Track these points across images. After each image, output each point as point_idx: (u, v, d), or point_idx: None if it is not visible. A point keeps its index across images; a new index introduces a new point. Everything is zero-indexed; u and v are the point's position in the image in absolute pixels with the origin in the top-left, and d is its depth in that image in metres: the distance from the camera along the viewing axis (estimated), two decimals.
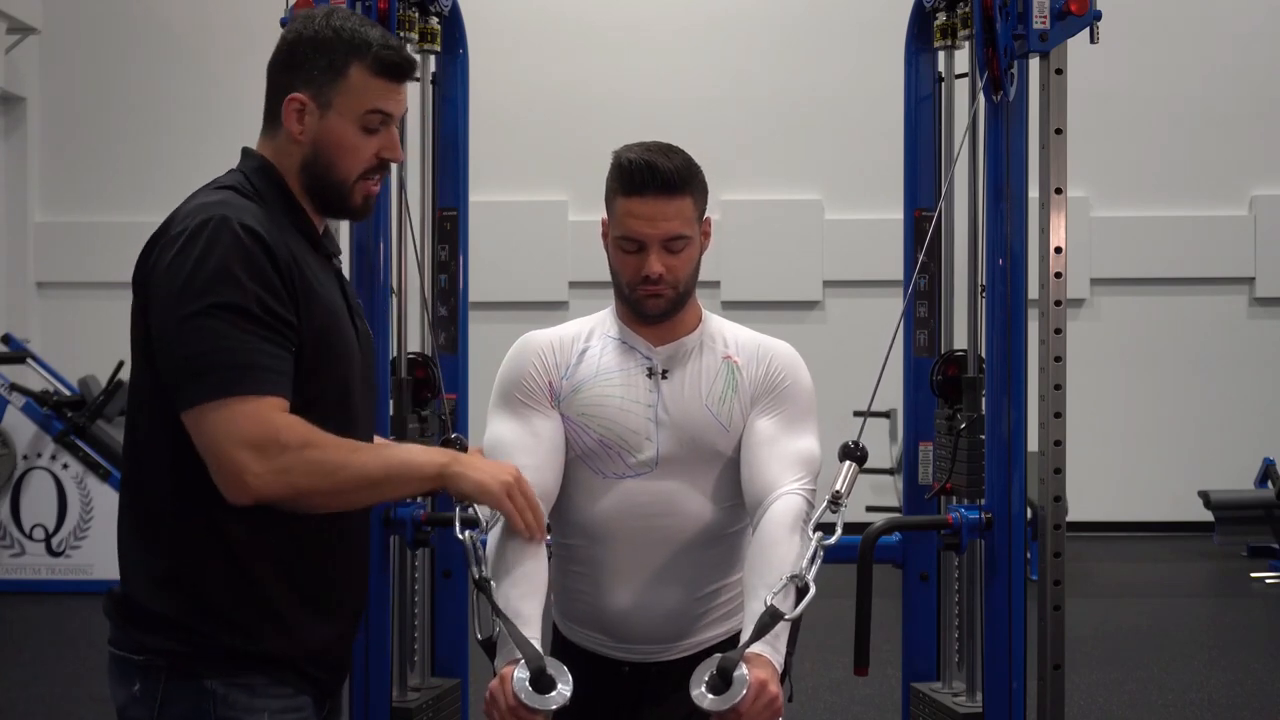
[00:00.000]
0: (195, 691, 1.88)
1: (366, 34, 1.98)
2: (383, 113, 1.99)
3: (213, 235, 1.84)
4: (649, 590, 2.27)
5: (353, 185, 2.00)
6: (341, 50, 1.96)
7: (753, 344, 2.37)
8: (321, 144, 1.97)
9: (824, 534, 2.11)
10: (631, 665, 2.32)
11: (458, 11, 3.39)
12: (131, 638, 1.91)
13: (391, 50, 1.99)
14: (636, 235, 2.24)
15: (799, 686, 5.22)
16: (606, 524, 2.29)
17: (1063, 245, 2.96)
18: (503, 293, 8.18)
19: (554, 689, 1.96)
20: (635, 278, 2.27)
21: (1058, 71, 2.91)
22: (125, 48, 9.08)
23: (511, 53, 8.62)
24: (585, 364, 2.34)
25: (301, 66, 1.97)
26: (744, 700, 1.93)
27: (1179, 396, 8.86)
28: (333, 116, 1.96)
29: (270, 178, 1.98)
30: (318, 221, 2.04)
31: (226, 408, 1.79)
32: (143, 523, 1.92)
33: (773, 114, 8.82)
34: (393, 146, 2.02)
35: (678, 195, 2.23)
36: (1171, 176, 8.82)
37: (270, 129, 2.01)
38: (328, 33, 1.97)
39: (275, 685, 1.92)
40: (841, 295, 8.82)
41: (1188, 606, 7.02)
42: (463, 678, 3.42)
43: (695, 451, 2.28)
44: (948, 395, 3.26)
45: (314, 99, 1.96)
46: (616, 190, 2.27)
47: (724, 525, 2.31)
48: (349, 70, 1.96)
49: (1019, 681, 3.00)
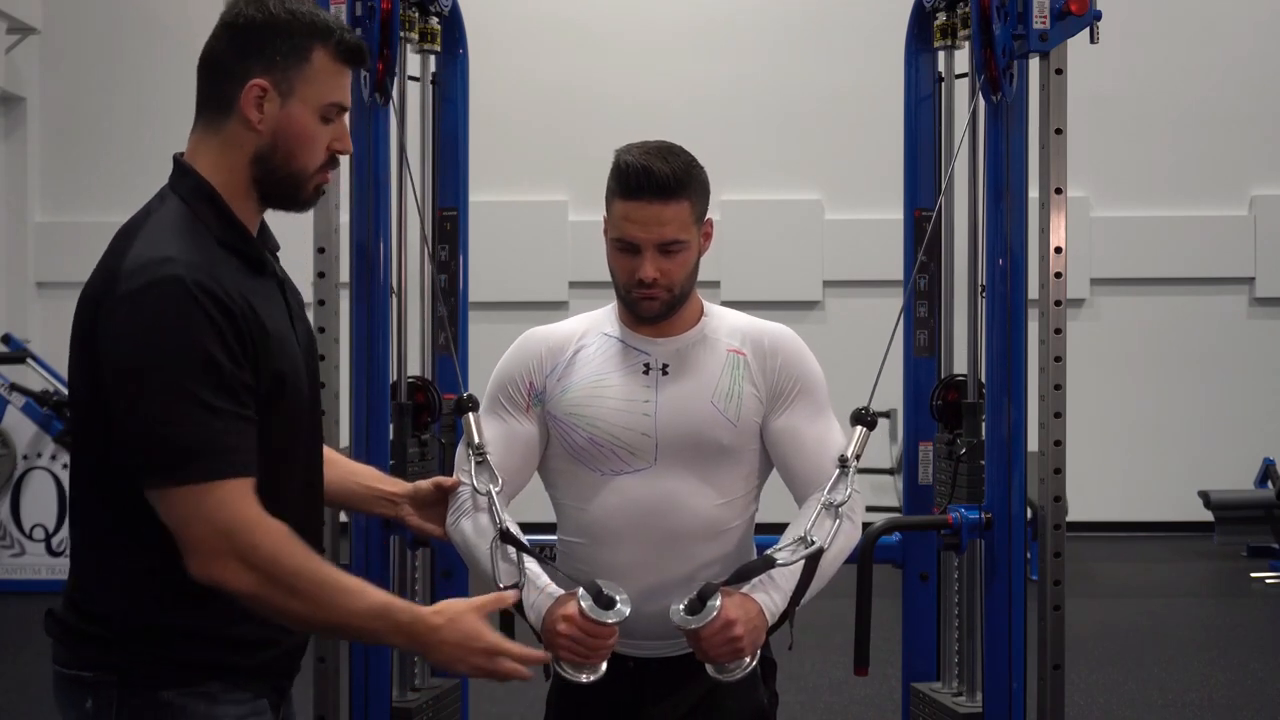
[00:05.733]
0: (152, 704, 1.84)
1: (325, 18, 1.92)
2: (340, 105, 1.93)
3: (165, 301, 1.76)
4: (651, 588, 2.27)
5: (309, 178, 1.94)
6: (303, 34, 1.89)
7: (756, 333, 2.37)
8: (282, 134, 1.89)
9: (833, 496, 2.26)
10: (635, 660, 2.32)
11: (458, 11, 3.38)
12: (81, 655, 1.87)
13: (351, 34, 1.94)
14: (631, 239, 2.25)
15: (799, 686, 5.22)
16: (606, 521, 2.29)
17: (1063, 245, 2.96)
18: (503, 293, 8.18)
19: (615, 605, 2.11)
20: (630, 280, 2.28)
21: (1058, 71, 2.91)
22: (125, 48, 9.07)
23: (512, 53, 8.62)
24: (579, 363, 2.35)
25: (259, 52, 1.87)
26: (707, 626, 2.09)
27: (1179, 396, 8.85)
28: (294, 104, 1.88)
29: (207, 199, 1.89)
30: (253, 222, 1.95)
31: (194, 494, 1.75)
32: (92, 539, 1.89)
33: (773, 114, 8.82)
34: (344, 138, 1.96)
35: (673, 200, 2.23)
36: (1171, 176, 8.82)
37: (213, 120, 1.91)
38: (284, 15, 1.88)
39: (233, 691, 1.89)
40: (841, 295, 8.81)
41: (1188, 606, 7.02)
42: (463, 678, 3.42)
43: (697, 447, 2.28)
44: (947, 420, 3.26)
45: (275, 86, 1.87)
46: (615, 192, 2.28)
47: (726, 520, 2.32)
48: (312, 55, 1.89)
49: (1019, 681, 3.00)
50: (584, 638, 2.11)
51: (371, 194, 3.10)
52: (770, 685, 2.40)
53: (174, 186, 1.93)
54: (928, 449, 3.35)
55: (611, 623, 2.11)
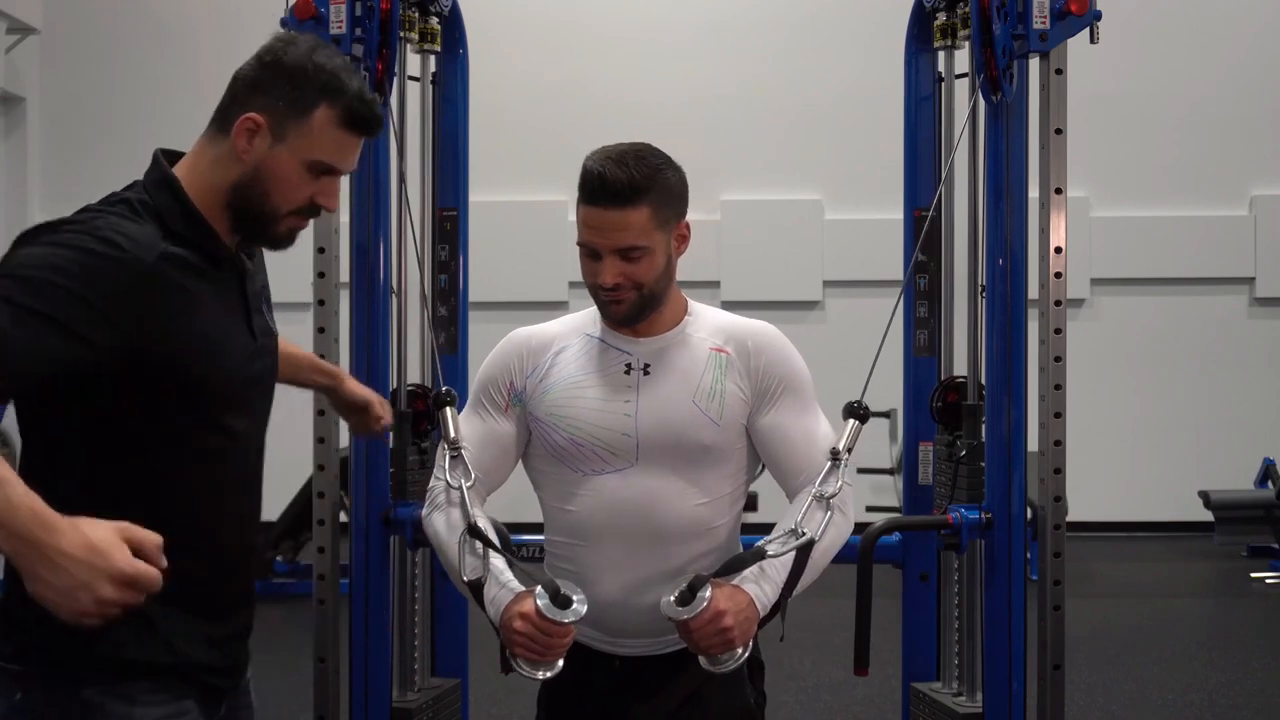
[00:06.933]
0: (75, 701, 1.83)
1: (345, 80, 1.91)
2: (331, 168, 1.92)
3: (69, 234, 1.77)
4: (635, 587, 2.27)
5: (280, 219, 1.93)
6: (313, 89, 1.89)
7: (739, 332, 2.36)
8: (262, 171, 1.89)
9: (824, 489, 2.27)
10: (621, 659, 2.33)
11: (458, 12, 3.39)
12: (13, 646, 1.85)
13: (365, 105, 1.92)
14: (591, 244, 2.27)
15: (799, 686, 5.23)
16: (589, 521, 2.29)
17: (1063, 245, 2.96)
18: (503, 293, 8.17)
19: (571, 605, 2.12)
20: (594, 283, 2.30)
21: (1058, 71, 2.91)
22: (125, 48, 9.08)
23: (512, 53, 8.62)
24: (561, 364, 2.35)
25: (268, 90, 1.89)
26: (696, 617, 2.10)
27: (1179, 396, 8.85)
28: (283, 150, 1.89)
29: (170, 190, 1.89)
30: (227, 234, 1.94)
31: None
32: None
33: (773, 114, 8.82)
34: (331, 195, 1.95)
35: (631, 206, 2.22)
36: (1171, 176, 8.82)
37: (216, 135, 1.93)
38: (308, 66, 1.89)
39: (154, 692, 1.86)
40: (841, 295, 8.81)
41: (1188, 606, 7.03)
42: (463, 678, 3.42)
43: (678, 447, 2.28)
44: (947, 422, 3.26)
45: (270, 126, 1.88)
46: (579, 197, 2.30)
47: (709, 519, 2.31)
48: (315, 111, 1.89)
49: (1019, 681, 3.01)
50: (539, 635, 2.13)
51: (371, 194, 3.10)
52: (758, 685, 2.40)
53: (144, 177, 1.94)
54: (928, 449, 3.35)
55: (567, 622, 2.12)
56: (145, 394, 1.83)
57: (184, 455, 1.89)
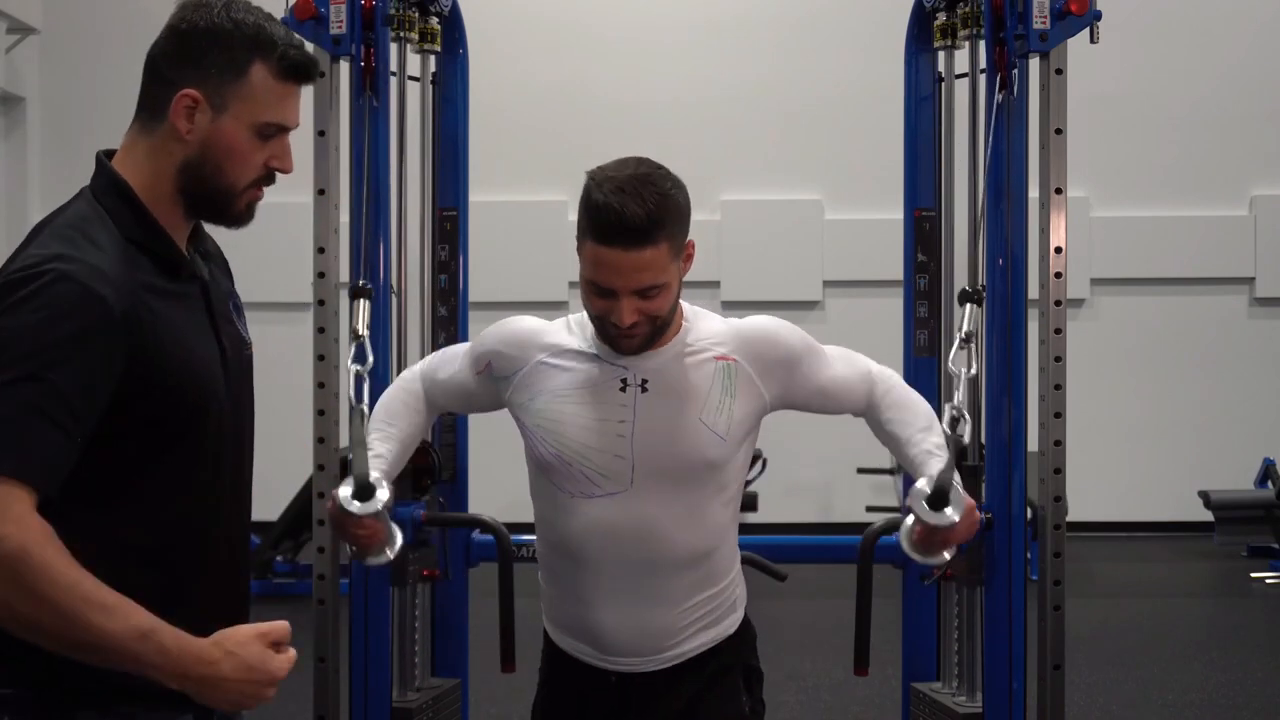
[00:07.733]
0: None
1: (271, 30, 1.82)
2: (280, 126, 1.84)
3: (46, 295, 1.67)
4: (630, 609, 2.22)
5: (239, 194, 1.85)
6: (243, 46, 1.80)
7: (741, 334, 2.26)
8: (211, 147, 1.81)
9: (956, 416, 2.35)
10: (618, 675, 2.28)
11: (458, 12, 3.39)
12: (5, 670, 1.77)
13: (298, 50, 1.83)
14: (606, 285, 2.11)
15: (799, 686, 5.23)
16: (582, 546, 2.21)
17: (1063, 245, 2.96)
18: (503, 293, 8.15)
19: (371, 498, 2.08)
20: (605, 319, 2.14)
21: (1058, 71, 2.91)
22: (125, 48, 9.01)
23: (512, 53, 8.62)
24: (551, 372, 2.23)
25: (197, 61, 1.79)
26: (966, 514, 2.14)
27: (1179, 396, 8.85)
28: (226, 119, 1.80)
29: (119, 194, 1.81)
30: (178, 227, 1.86)
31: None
32: None
33: (773, 114, 8.81)
34: (284, 156, 1.86)
35: (649, 245, 2.07)
36: (1171, 176, 8.82)
37: (149, 122, 1.83)
38: (227, 25, 1.80)
39: (151, 711, 1.80)
40: (841, 295, 8.81)
41: (1188, 606, 7.03)
42: (463, 678, 3.42)
43: (679, 467, 2.18)
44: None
45: (208, 98, 1.79)
46: (586, 230, 2.12)
47: (708, 544, 2.25)
48: (250, 69, 1.80)
49: (1019, 681, 3.01)
50: (335, 524, 2.16)
51: (371, 194, 3.10)
52: (756, 694, 2.36)
53: (91, 183, 1.87)
54: None
55: (357, 514, 2.08)
56: (127, 421, 1.77)
57: (167, 475, 1.82)
